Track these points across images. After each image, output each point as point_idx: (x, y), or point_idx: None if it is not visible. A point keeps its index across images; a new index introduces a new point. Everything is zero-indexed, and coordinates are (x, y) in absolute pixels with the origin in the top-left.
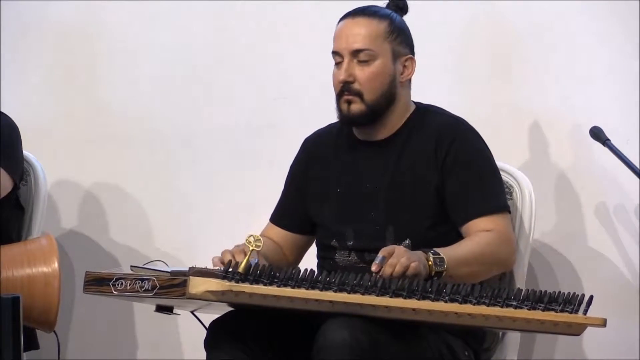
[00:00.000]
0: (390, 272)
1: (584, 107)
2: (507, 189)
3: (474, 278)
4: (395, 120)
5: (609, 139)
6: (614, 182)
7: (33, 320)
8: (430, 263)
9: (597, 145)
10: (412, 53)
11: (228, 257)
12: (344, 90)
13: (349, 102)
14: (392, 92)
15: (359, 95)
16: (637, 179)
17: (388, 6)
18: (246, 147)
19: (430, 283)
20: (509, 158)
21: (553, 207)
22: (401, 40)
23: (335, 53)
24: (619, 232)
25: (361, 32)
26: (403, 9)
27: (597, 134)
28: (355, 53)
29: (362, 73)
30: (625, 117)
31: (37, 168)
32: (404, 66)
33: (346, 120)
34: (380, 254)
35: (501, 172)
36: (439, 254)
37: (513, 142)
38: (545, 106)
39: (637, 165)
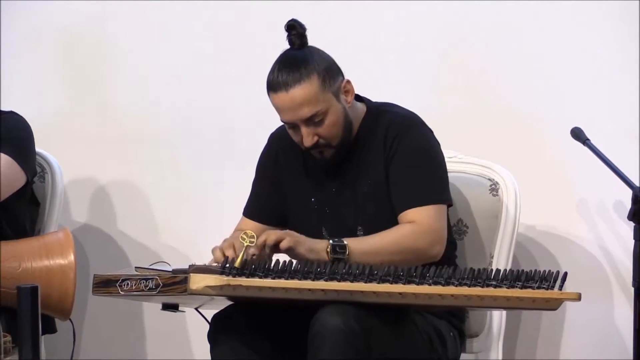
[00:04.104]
0: (261, 240)
1: (566, 108)
2: (493, 186)
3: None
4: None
5: (588, 139)
6: (593, 180)
7: (50, 309)
8: (328, 249)
9: (578, 144)
10: (342, 74)
11: (219, 255)
12: (311, 147)
13: (321, 152)
14: (348, 122)
15: (327, 145)
16: (615, 176)
17: (291, 40)
18: (248, 146)
19: (415, 269)
20: (496, 157)
21: (537, 203)
22: (331, 77)
23: (285, 122)
24: (599, 227)
25: (303, 102)
26: (304, 36)
27: (577, 134)
28: (308, 120)
29: (322, 130)
30: (606, 119)
31: (54, 166)
32: (345, 92)
33: (323, 164)
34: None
35: (489, 170)
36: (341, 242)
37: (500, 142)
38: (529, 108)
39: (615, 164)
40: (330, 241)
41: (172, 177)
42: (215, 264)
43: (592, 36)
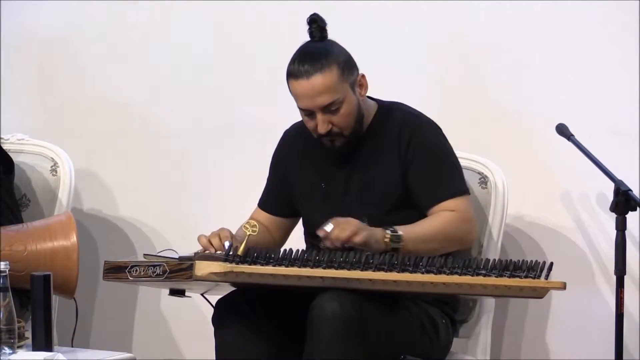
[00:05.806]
0: (335, 235)
1: (552, 105)
2: (482, 179)
3: (432, 254)
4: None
5: (573, 135)
6: (577, 173)
7: (56, 289)
8: (387, 240)
9: (563, 140)
10: (358, 69)
11: (204, 241)
12: (324, 135)
13: (332, 141)
14: (361, 114)
15: (340, 134)
16: (598, 170)
17: (312, 33)
18: (249, 144)
19: (409, 258)
20: (485, 151)
21: (523, 195)
22: (349, 70)
23: (303, 109)
24: (582, 218)
25: (322, 90)
26: (324, 29)
27: (562, 130)
28: (325, 108)
29: (337, 119)
30: (588, 115)
31: (65, 161)
32: (360, 85)
33: (333, 152)
34: (330, 222)
35: (478, 164)
36: (397, 232)
37: (489, 137)
38: (517, 105)
39: (598, 158)
40: (388, 231)
41: (179, 170)
42: (220, 252)
43: (583, 36)
